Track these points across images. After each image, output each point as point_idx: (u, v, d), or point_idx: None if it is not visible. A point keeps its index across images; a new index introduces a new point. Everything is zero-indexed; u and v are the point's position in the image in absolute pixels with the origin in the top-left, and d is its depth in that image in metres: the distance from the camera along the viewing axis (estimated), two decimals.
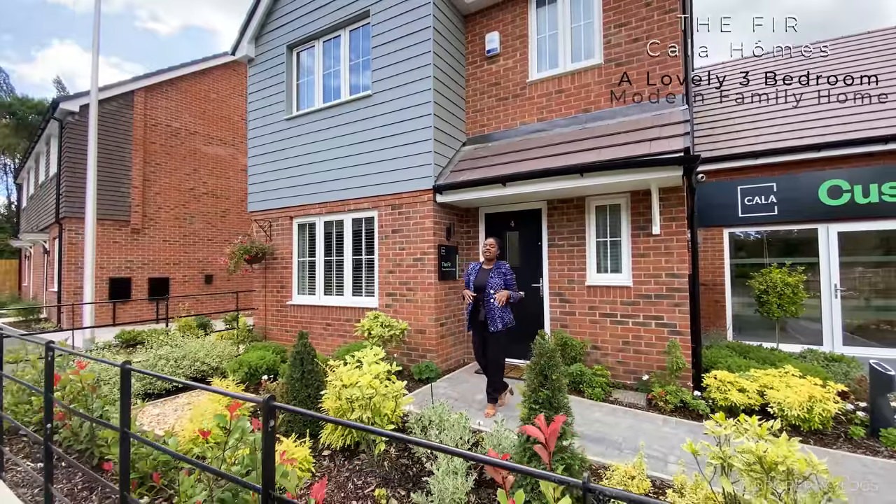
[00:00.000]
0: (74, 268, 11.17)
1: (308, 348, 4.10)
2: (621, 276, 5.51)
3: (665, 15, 5.37)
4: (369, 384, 3.22)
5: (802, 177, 6.75)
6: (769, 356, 5.43)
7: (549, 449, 1.94)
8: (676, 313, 5.08)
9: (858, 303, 6.64)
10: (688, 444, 2.43)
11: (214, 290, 13.90)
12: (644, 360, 5.26)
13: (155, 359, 5.39)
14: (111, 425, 2.45)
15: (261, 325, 7.90)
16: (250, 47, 8.09)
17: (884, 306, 6.55)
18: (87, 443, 3.56)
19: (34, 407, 4.17)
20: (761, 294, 6.11)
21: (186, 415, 4.66)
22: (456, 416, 3.48)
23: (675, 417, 4.33)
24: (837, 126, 6.84)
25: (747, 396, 4.30)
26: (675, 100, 5.30)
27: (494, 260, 4.52)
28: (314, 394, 3.98)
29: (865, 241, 6.60)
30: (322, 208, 7.12)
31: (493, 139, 6.64)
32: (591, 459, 3.33)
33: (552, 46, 6.25)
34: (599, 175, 4.81)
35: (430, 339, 5.91)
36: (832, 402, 4.05)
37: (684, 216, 5.10)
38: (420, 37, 6.12)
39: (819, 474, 2.09)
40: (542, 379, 2.60)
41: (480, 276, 4.50)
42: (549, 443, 1.93)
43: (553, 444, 1.92)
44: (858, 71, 7.96)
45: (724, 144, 7.59)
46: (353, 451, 3.58)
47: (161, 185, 12.83)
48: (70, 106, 11.07)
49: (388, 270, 6.36)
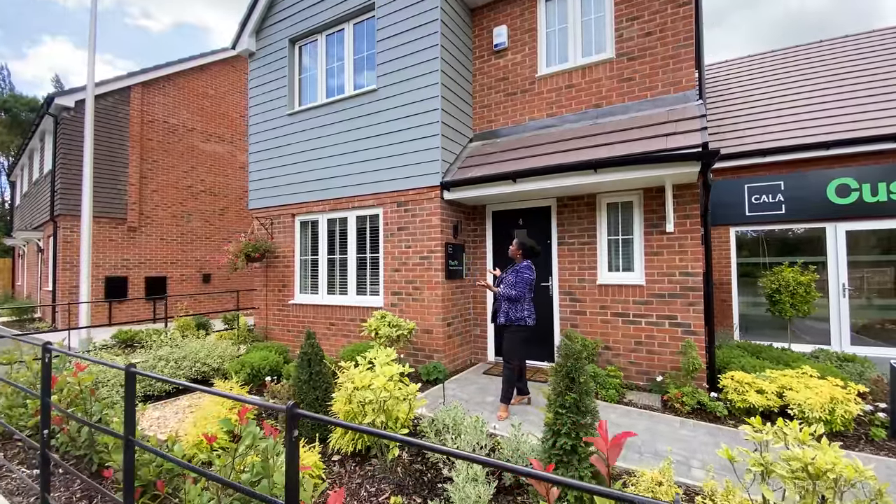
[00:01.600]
0: (70, 266, 10.95)
1: (316, 349, 3.96)
2: (633, 275, 5.39)
3: (679, 8, 5.25)
4: (384, 386, 3.09)
5: (810, 175, 6.67)
6: (782, 356, 5.34)
7: (611, 463, 1.80)
8: (691, 313, 4.97)
9: (864, 302, 6.57)
10: (724, 449, 2.31)
11: (212, 288, 13.70)
12: (657, 360, 5.15)
13: (155, 360, 5.23)
14: (113, 432, 2.30)
15: (262, 325, 7.74)
16: (251, 41, 7.92)
17: (889, 305, 6.48)
18: (85, 448, 3.41)
19: (29, 410, 4.00)
20: (773, 293, 6.01)
21: (188, 418, 4.51)
22: (471, 420, 3.35)
23: (692, 420, 4.22)
24: (845, 124, 6.77)
25: (766, 398, 4.20)
26: (689, 95, 5.19)
27: (519, 260, 4.53)
28: (322, 396, 3.84)
29: (872, 240, 6.53)
30: (325, 205, 6.97)
31: (500, 135, 6.51)
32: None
33: (562, 40, 6.12)
34: (614, 171, 4.69)
35: (438, 340, 5.78)
36: (853, 404, 3.96)
37: (698, 213, 4.99)
38: (427, 30, 5.98)
39: (866, 480, 1.99)
40: (569, 382, 2.48)
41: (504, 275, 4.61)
42: (611, 456, 1.79)
43: (615, 458, 1.78)
44: (865, 69, 7.92)
45: (731, 142, 7.50)
46: (363, 457, 3.45)
47: (158, 183, 12.62)
48: (65, 101, 10.84)
49: (393, 269, 6.22)
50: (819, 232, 6.73)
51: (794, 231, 6.99)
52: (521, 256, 4.51)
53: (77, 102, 10.84)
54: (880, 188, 6.25)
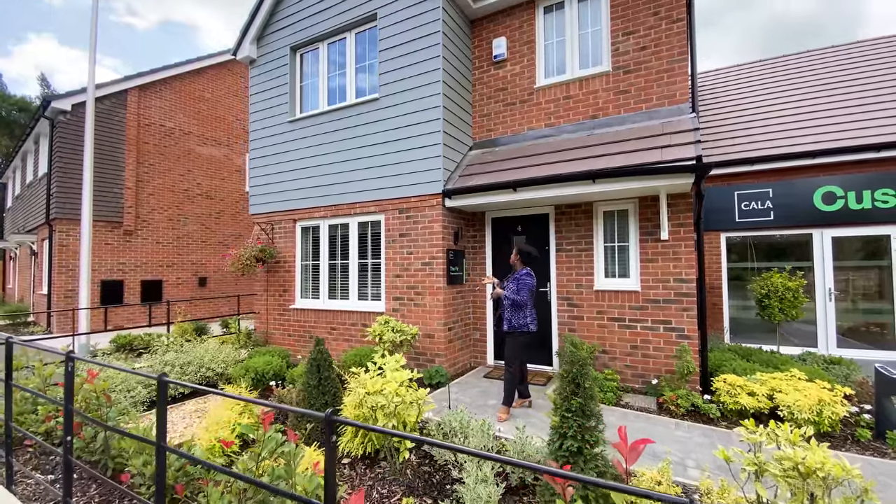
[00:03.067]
0: (66, 270, 10.90)
1: (324, 354, 4.06)
2: (629, 281, 5.57)
3: (673, 24, 5.45)
4: (395, 391, 3.20)
5: (798, 183, 6.91)
6: (771, 359, 5.54)
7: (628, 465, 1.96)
8: (684, 318, 5.15)
9: (849, 305, 6.81)
10: (720, 450, 2.47)
11: (208, 292, 13.69)
12: (652, 363, 5.32)
13: (161, 365, 5.30)
14: (146, 439, 2.40)
15: (262, 330, 7.80)
16: (252, 48, 8.00)
17: (873, 309, 6.72)
18: (99, 454, 3.48)
19: (40, 416, 4.06)
20: (763, 298, 6.22)
21: (196, 422, 4.59)
22: (477, 423, 3.48)
23: (686, 421, 4.39)
24: (831, 133, 7.00)
25: (757, 400, 4.38)
26: (683, 108, 5.38)
27: (519, 267, 4.65)
28: (331, 401, 3.94)
29: (857, 244, 6.78)
30: (326, 211, 7.06)
31: (500, 144, 6.67)
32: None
33: (560, 53, 6.30)
34: (612, 181, 4.87)
35: (439, 344, 5.91)
36: (840, 406, 4.15)
37: (692, 222, 5.18)
38: (430, 41, 6.12)
39: (853, 479, 2.15)
40: (575, 387, 2.62)
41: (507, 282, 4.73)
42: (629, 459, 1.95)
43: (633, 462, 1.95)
44: (851, 79, 8.20)
45: (721, 150, 7.72)
46: (373, 459, 3.56)
47: (154, 186, 12.60)
48: (62, 105, 10.81)
49: (395, 274, 6.34)
50: (805, 237, 6.97)
51: (782, 235, 7.22)
52: (520, 263, 4.65)
53: (74, 106, 10.83)
54: (865, 196, 6.50)
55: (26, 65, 65.83)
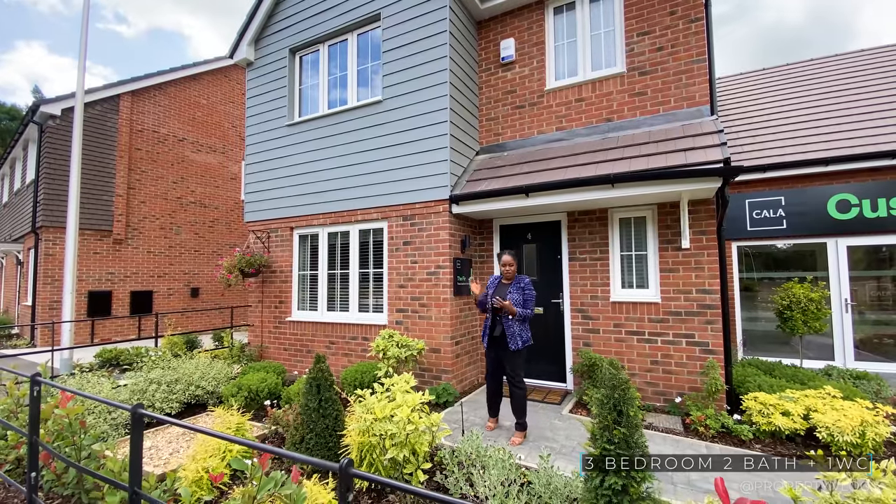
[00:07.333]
0: (51, 280, 10.45)
1: (325, 373, 3.70)
2: (648, 292, 5.27)
3: (690, 24, 5.24)
4: (408, 417, 2.86)
5: (811, 191, 6.70)
6: (796, 374, 5.24)
7: None
8: (709, 331, 4.85)
9: (866, 316, 6.56)
10: (786, 487, 2.15)
11: (201, 304, 13.22)
12: (674, 380, 5.00)
13: (146, 383, 4.89)
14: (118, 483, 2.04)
15: (256, 343, 7.40)
16: (249, 50, 7.73)
17: (891, 321, 6.47)
18: (73, 487, 3.08)
19: (9, 442, 3.65)
20: (784, 310, 5.94)
21: (182, 448, 4.20)
22: (496, 451, 3.14)
23: (717, 444, 4.06)
24: (844, 140, 6.82)
25: (792, 420, 4.06)
26: (703, 110, 5.14)
27: (511, 273, 4.33)
28: (332, 424, 3.57)
29: (872, 254, 6.55)
30: (325, 219, 6.73)
31: (508, 148, 6.40)
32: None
33: (571, 54, 6.07)
34: (633, 186, 4.58)
35: (446, 359, 5.55)
36: (883, 426, 3.85)
37: (714, 229, 4.91)
38: (435, 41, 5.87)
39: None
40: (617, 415, 2.29)
41: (499, 291, 4.32)
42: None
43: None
44: (861, 86, 8.05)
45: (731, 157, 7.50)
46: (379, 492, 3.19)
47: (146, 194, 12.22)
48: (51, 109, 10.46)
49: (398, 285, 6.00)
50: (812, 247, 6.74)
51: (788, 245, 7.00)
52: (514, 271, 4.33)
53: (64, 110, 10.48)
54: (880, 204, 6.30)
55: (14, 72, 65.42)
